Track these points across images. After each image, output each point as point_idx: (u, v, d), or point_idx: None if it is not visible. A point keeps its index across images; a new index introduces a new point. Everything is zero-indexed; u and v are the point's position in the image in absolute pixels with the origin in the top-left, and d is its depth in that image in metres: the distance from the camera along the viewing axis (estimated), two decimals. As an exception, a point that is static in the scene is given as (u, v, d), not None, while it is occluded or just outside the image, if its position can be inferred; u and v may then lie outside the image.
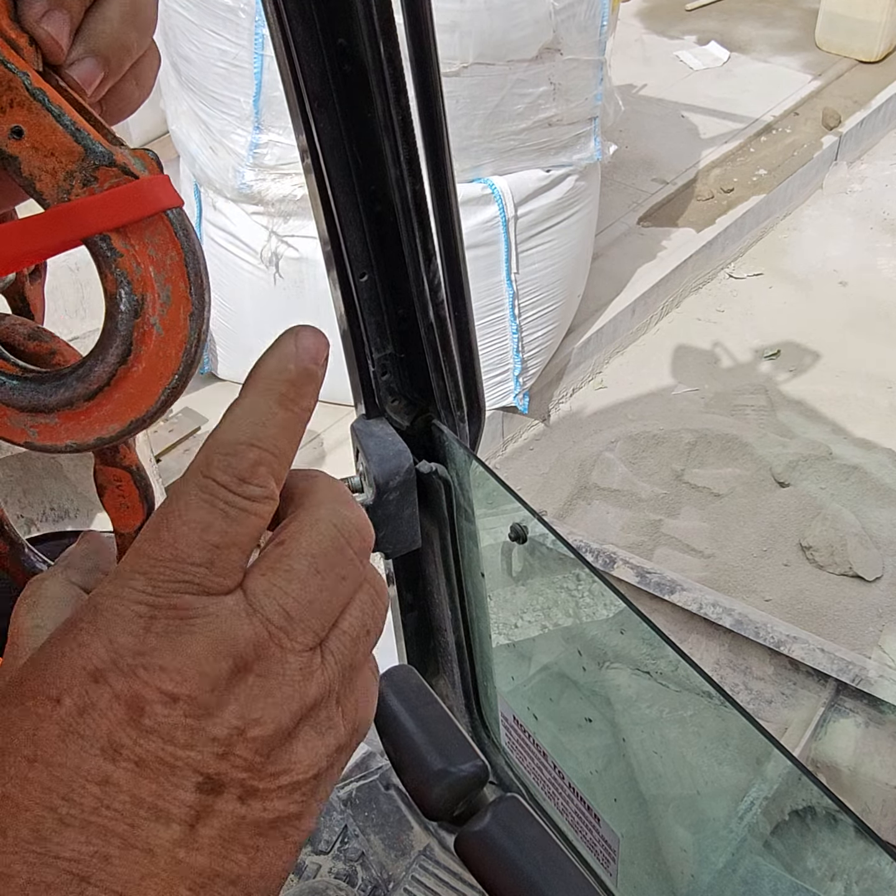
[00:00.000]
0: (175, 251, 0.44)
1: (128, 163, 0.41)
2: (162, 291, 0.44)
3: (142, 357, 0.45)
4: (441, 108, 0.85)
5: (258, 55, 2.50)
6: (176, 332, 0.45)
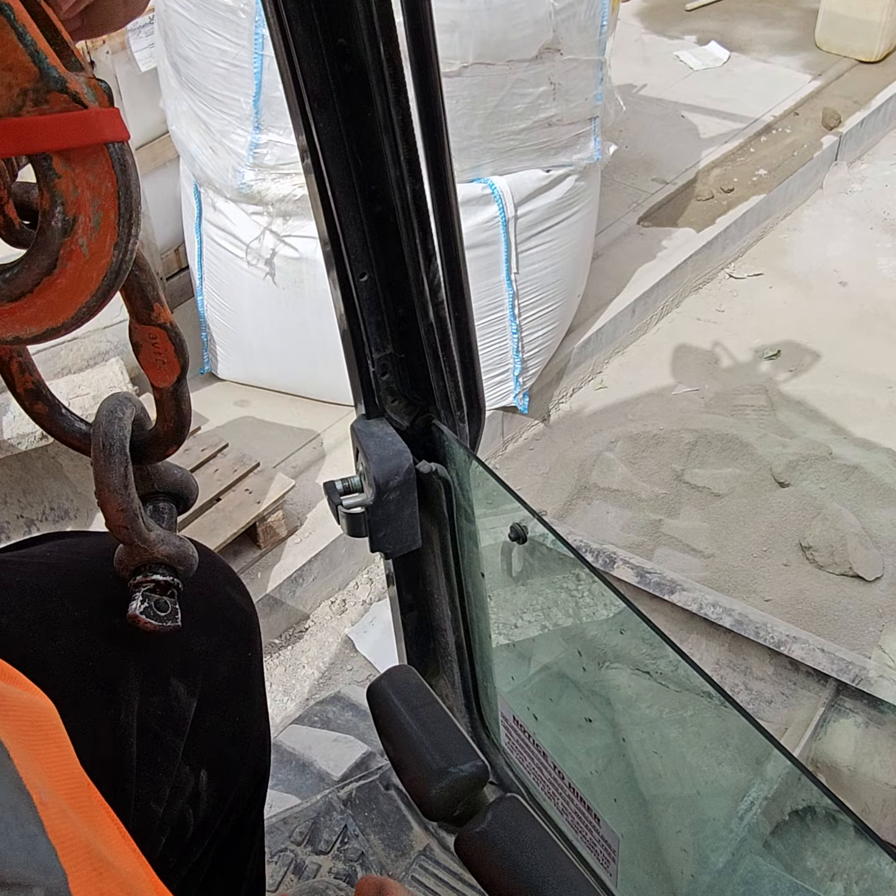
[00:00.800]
0: (110, 182, 0.45)
1: (80, 91, 0.43)
2: (94, 216, 0.46)
3: (66, 272, 0.46)
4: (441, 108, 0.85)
5: (258, 55, 2.50)
6: (100, 256, 0.46)
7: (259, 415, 3.05)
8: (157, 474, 0.83)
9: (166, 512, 0.84)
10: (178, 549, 0.81)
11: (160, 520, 0.83)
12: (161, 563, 0.80)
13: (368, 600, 2.78)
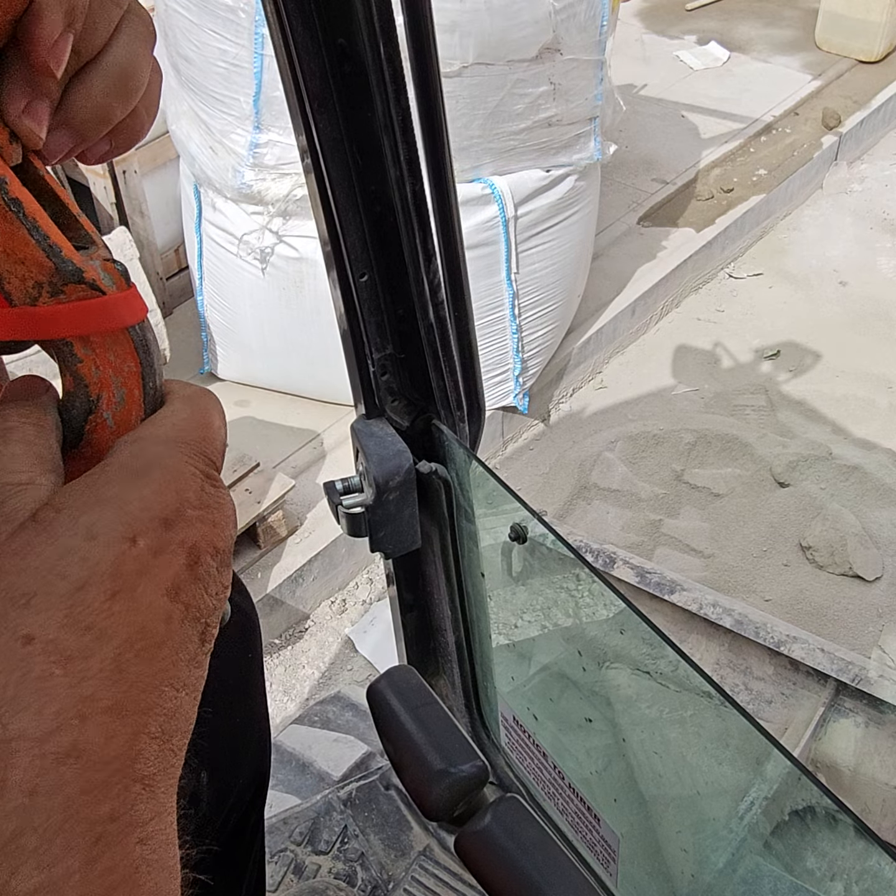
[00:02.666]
0: (133, 363, 0.46)
1: (97, 278, 0.43)
2: (117, 392, 0.47)
3: (92, 442, 0.47)
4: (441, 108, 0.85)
5: (258, 55, 2.50)
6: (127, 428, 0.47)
7: (259, 415, 3.05)
8: None
9: None
10: None
11: None
12: None
13: (368, 600, 2.78)
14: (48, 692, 0.33)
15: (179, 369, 3.15)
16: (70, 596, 0.35)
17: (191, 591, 0.38)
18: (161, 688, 0.36)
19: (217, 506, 0.40)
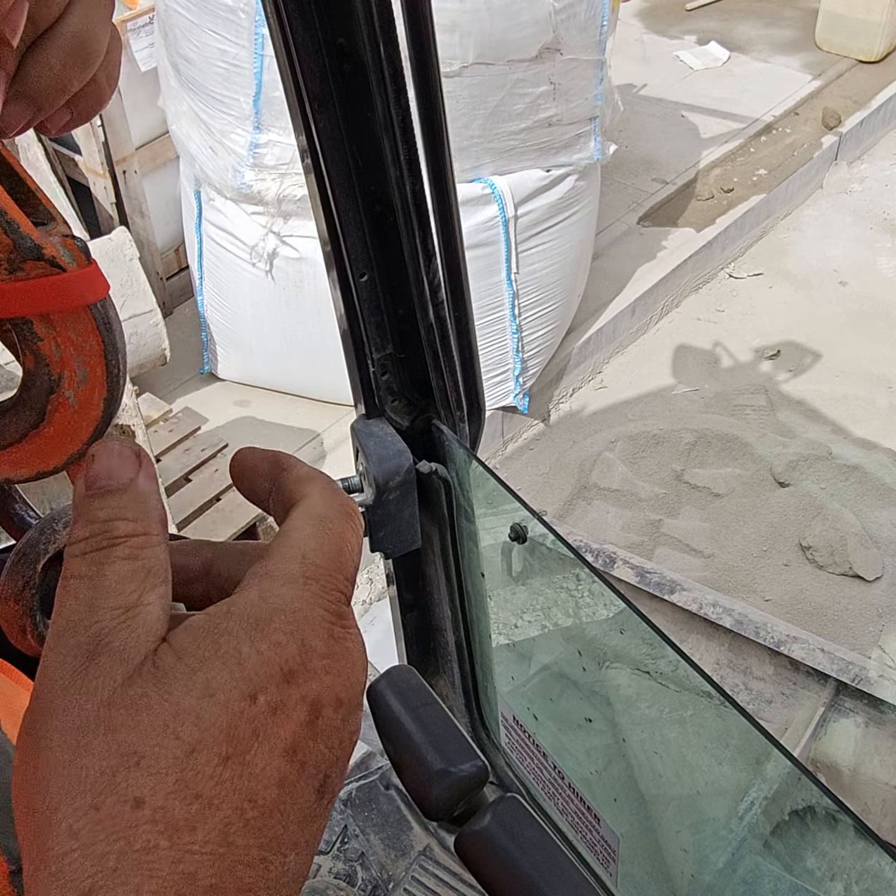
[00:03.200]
0: (95, 341, 0.46)
1: (56, 255, 0.42)
2: (79, 371, 0.46)
3: (54, 423, 0.47)
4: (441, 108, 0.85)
5: (258, 55, 2.50)
6: (89, 409, 0.47)
7: (259, 415, 3.05)
8: None
9: None
10: None
11: None
12: None
13: (368, 600, 2.79)
14: (150, 867, 0.31)
15: (179, 369, 3.15)
16: (182, 760, 0.33)
17: (308, 749, 0.35)
18: (267, 858, 0.33)
19: (344, 653, 0.38)
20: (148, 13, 2.87)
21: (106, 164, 3.00)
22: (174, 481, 2.60)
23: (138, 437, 2.22)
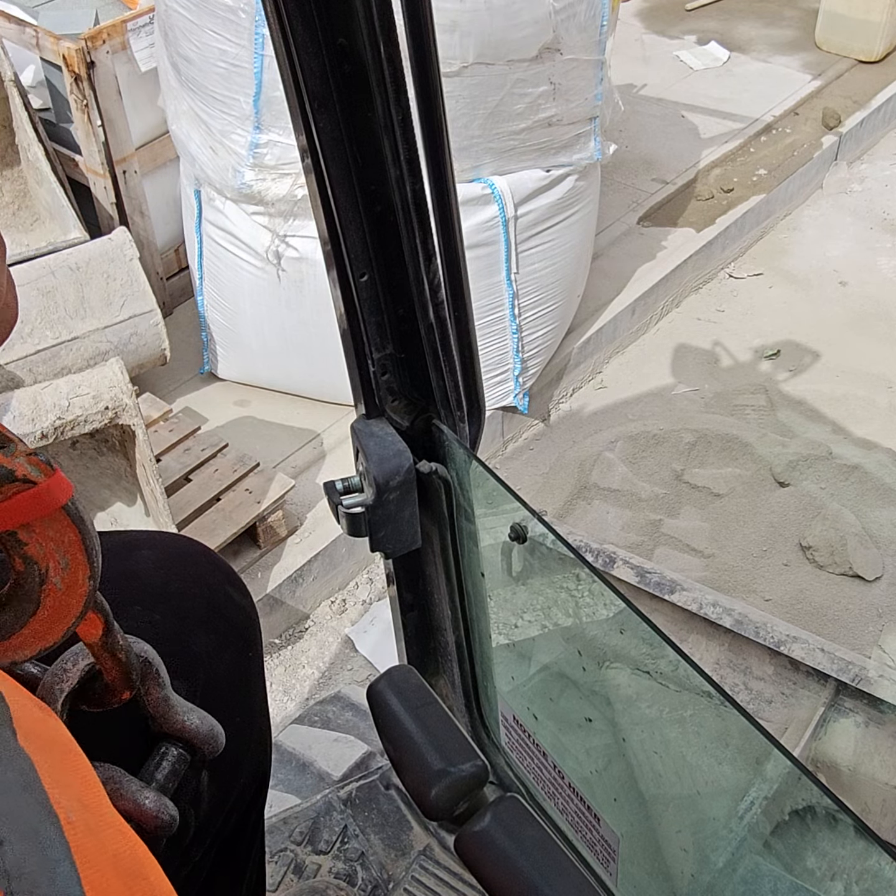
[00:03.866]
0: (72, 533, 0.53)
1: (27, 473, 0.49)
2: (62, 560, 0.53)
3: (47, 607, 0.54)
4: (441, 108, 0.85)
5: (258, 55, 2.50)
6: (76, 588, 0.54)
7: (259, 415, 3.05)
8: (165, 717, 0.80)
9: (169, 760, 0.79)
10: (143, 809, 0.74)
11: (158, 768, 0.78)
12: None
13: (368, 600, 2.78)
14: None
15: (179, 369, 3.15)
16: None
17: None
18: None
19: None
20: (148, 13, 2.87)
21: (106, 164, 3.00)
22: (174, 481, 2.60)
23: (138, 437, 2.22)
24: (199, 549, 1.02)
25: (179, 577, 0.96)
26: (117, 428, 2.24)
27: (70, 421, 2.12)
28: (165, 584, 0.95)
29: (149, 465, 2.25)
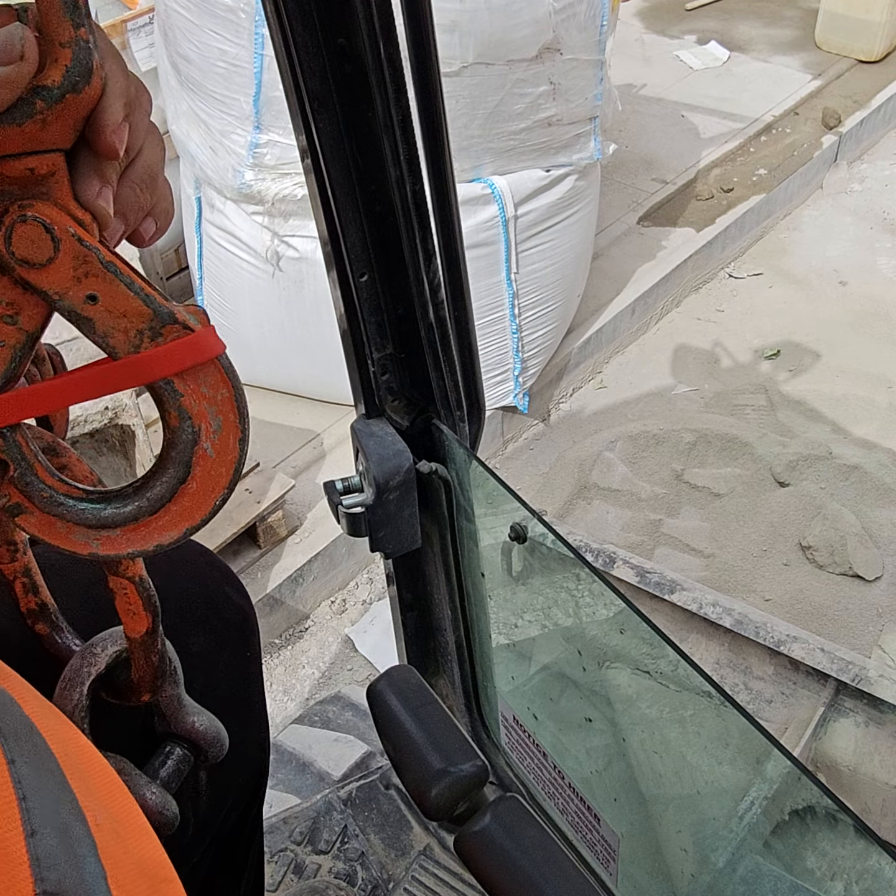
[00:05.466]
0: (226, 389, 0.52)
1: (186, 320, 0.50)
2: (213, 421, 0.52)
3: (197, 476, 0.53)
4: (441, 108, 0.85)
5: (258, 55, 2.50)
6: (226, 454, 0.53)
7: (259, 415, 3.05)
8: (175, 717, 0.80)
9: (174, 759, 0.79)
10: (146, 805, 0.75)
11: (162, 766, 0.79)
12: None
13: (368, 600, 2.78)
14: None
15: (179, 369, 3.15)
16: None
17: None
18: None
19: None
20: (148, 13, 2.87)
21: (106, 164, 3.00)
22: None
23: (138, 437, 2.22)
24: (197, 549, 1.02)
25: (178, 577, 0.96)
26: (117, 428, 2.24)
27: (70, 421, 2.12)
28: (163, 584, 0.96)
29: (149, 465, 2.25)
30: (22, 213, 0.45)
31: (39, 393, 0.50)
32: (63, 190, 0.46)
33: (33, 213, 0.45)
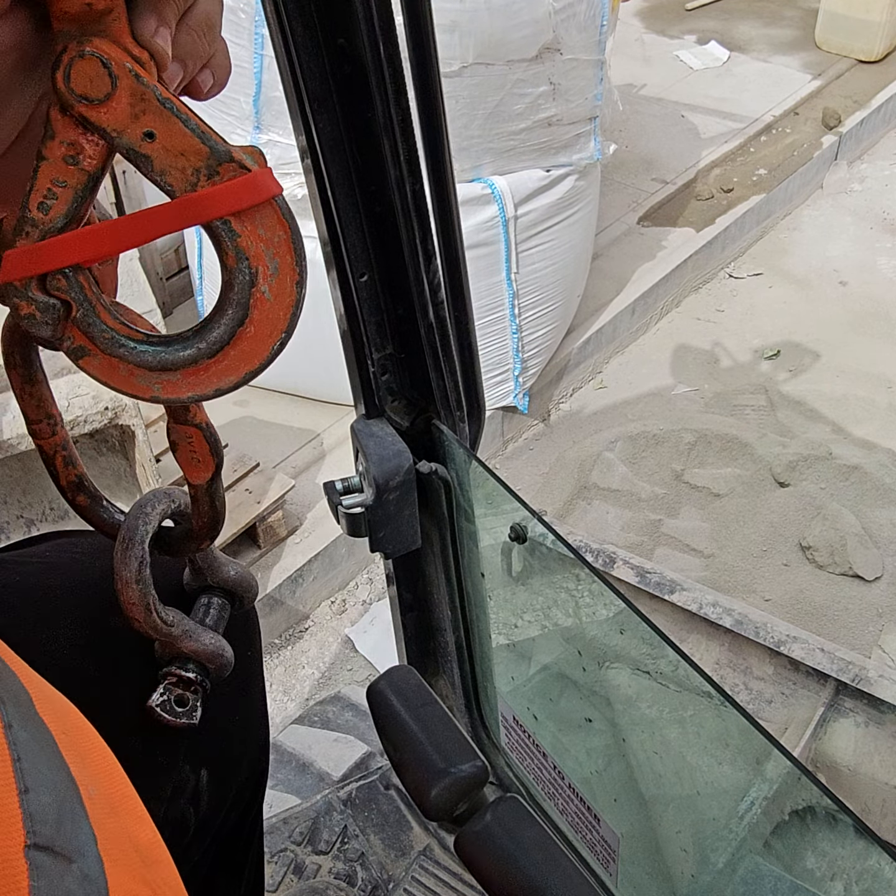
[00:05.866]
0: (283, 230, 0.53)
1: (243, 159, 0.49)
2: (271, 264, 0.53)
3: (255, 320, 0.53)
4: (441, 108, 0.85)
5: (258, 55, 2.50)
6: (283, 297, 0.54)
7: (259, 415, 3.05)
8: (212, 569, 0.85)
9: (215, 608, 0.85)
10: (207, 647, 0.81)
11: (206, 615, 0.84)
12: (190, 659, 0.81)
13: (368, 600, 2.79)
14: None
15: (179, 369, 3.15)
16: None
17: None
18: None
19: None
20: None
21: (106, 164, 3.00)
22: (174, 481, 2.60)
23: (138, 437, 2.22)
24: (198, 549, 1.02)
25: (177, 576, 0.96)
26: (117, 428, 2.24)
27: (70, 421, 2.12)
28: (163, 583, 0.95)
29: (149, 465, 2.25)
30: (80, 49, 0.45)
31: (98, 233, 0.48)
32: (121, 27, 0.46)
33: (91, 48, 0.45)
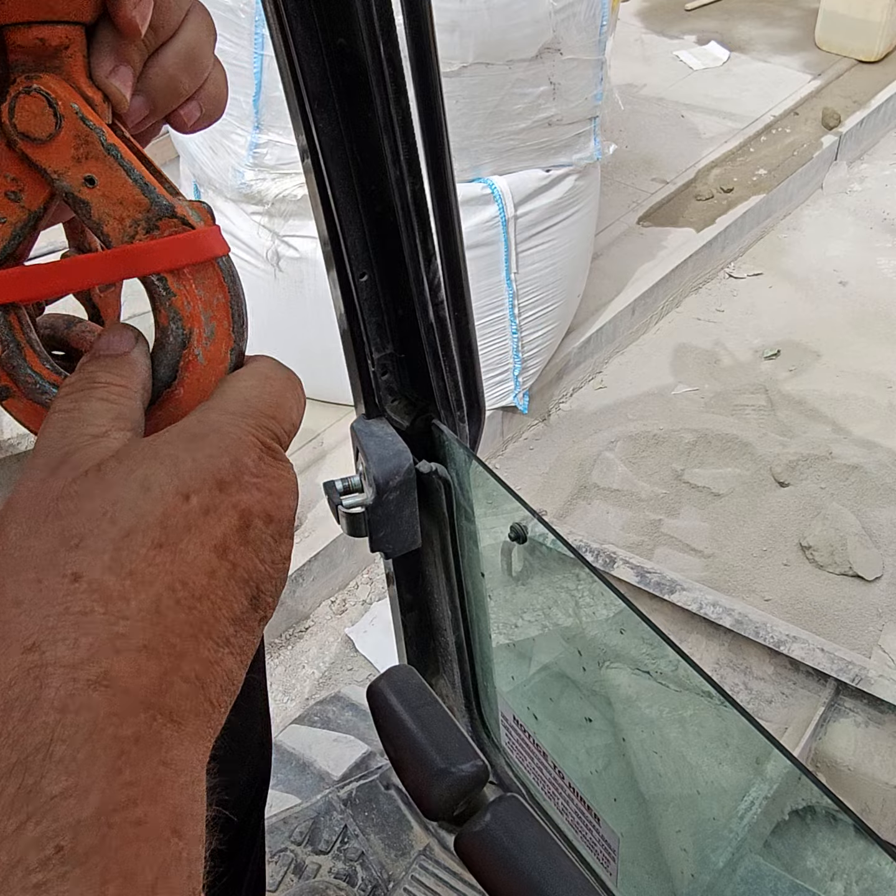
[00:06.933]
0: (222, 294, 0.51)
1: (186, 215, 0.47)
2: (207, 327, 0.50)
3: (185, 382, 0.50)
4: (441, 108, 0.85)
5: (258, 55, 2.50)
6: (217, 363, 0.51)
7: (259, 415, 3.05)
8: None
9: None
10: None
11: None
12: None
13: (368, 600, 2.79)
14: (86, 626, 0.35)
15: (179, 369, 3.15)
16: (118, 541, 0.37)
17: (240, 553, 0.39)
18: (198, 637, 0.37)
19: (276, 476, 0.41)
20: (148, 13, 2.87)
21: (106, 164, 3.00)
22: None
23: (138, 437, 2.22)
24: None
25: None
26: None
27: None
28: None
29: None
30: (27, 85, 0.43)
31: (28, 275, 0.46)
32: (77, 66, 0.44)
33: (38, 84, 0.43)
